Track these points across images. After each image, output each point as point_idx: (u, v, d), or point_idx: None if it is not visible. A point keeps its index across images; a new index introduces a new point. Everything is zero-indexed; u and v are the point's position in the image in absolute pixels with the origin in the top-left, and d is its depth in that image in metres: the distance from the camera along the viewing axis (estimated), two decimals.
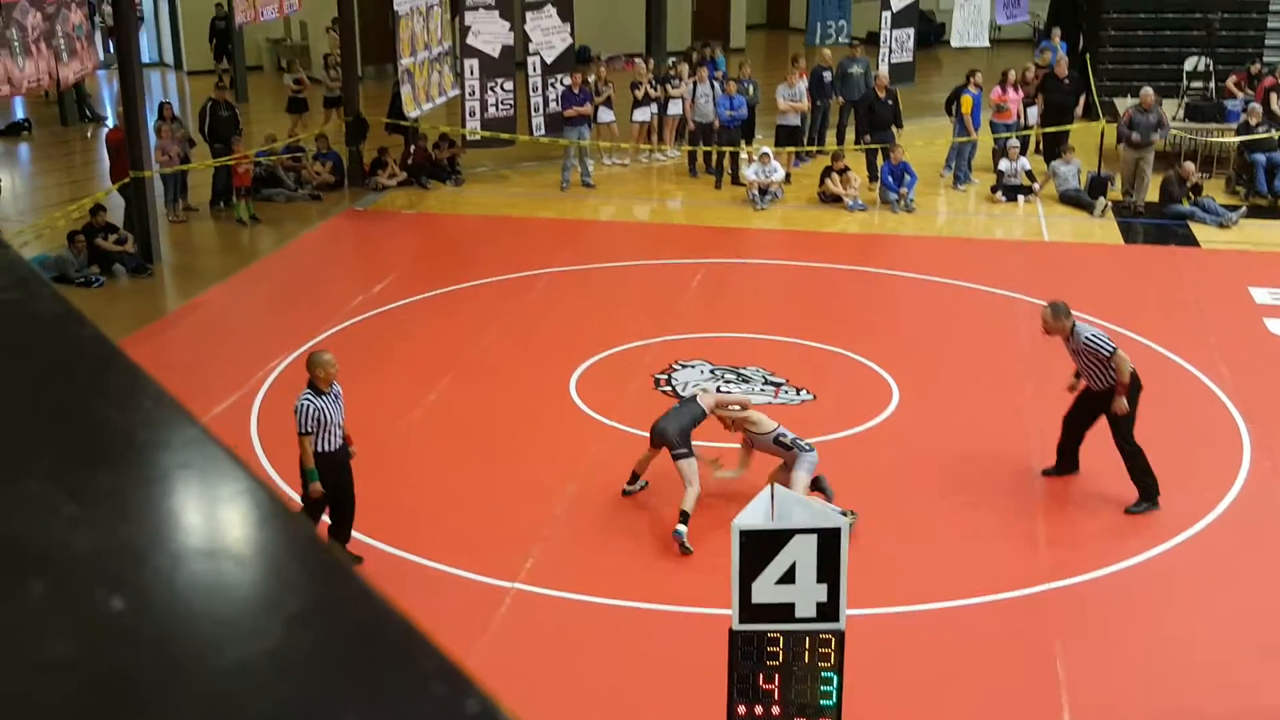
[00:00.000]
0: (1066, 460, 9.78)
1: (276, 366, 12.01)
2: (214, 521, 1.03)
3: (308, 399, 8.38)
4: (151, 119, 16.54)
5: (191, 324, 13.77)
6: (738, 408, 9.47)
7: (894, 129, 18.02)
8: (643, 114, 19.65)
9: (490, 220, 17.28)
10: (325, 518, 8.61)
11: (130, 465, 1.10)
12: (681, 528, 8.84)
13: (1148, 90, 16.88)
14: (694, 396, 9.62)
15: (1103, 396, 9.31)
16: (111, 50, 20.29)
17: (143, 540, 0.98)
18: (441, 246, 16.50)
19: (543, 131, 19.07)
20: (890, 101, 18.26)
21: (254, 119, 22.22)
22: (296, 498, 8.54)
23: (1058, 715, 7.20)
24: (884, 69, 19.58)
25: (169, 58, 29.08)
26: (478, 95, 18.43)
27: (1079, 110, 18.59)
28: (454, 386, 11.79)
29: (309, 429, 8.35)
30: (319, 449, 8.41)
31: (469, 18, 18.11)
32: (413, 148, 18.99)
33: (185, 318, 13.94)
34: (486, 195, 18.54)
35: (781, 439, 9.24)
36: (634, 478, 9.61)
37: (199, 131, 17.85)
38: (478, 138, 18.84)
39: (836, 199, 17.42)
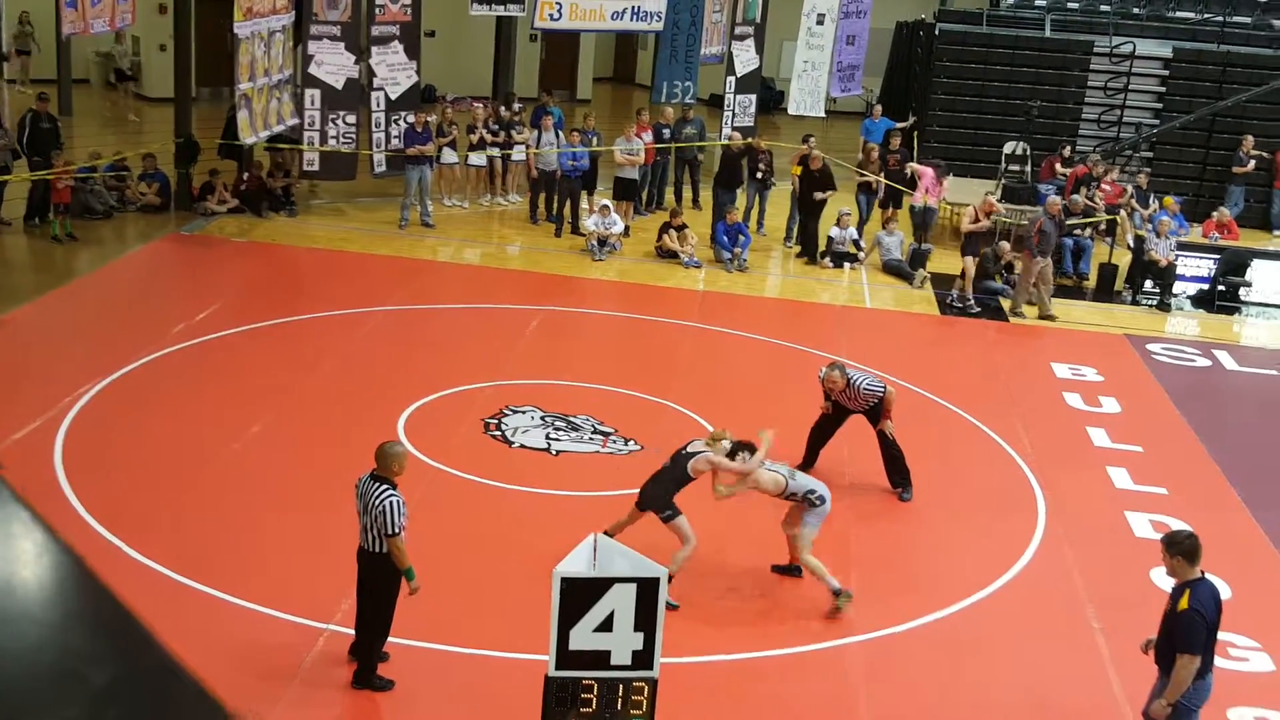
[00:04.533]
0: (810, 458, 11.18)
1: (86, 392, 11.64)
2: (14, 583, 0.98)
3: (392, 494, 7.46)
4: None
5: None
6: (730, 482, 9.05)
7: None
8: (479, 158, 19.76)
9: (324, 254, 17.09)
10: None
11: None
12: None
13: (1054, 198, 17.52)
14: (686, 455, 9.14)
15: (845, 413, 11.07)
16: None
17: None
18: (272, 277, 16.24)
19: (384, 168, 19.00)
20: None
21: (77, 134, 21.51)
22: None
23: None
24: (730, 131, 20.17)
25: None
26: (318, 126, 18.26)
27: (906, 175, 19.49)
28: (277, 421, 11.62)
29: (401, 527, 7.48)
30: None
31: (312, 47, 17.97)
32: (246, 174, 18.66)
33: None
34: (321, 228, 18.34)
35: (793, 495, 9.05)
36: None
37: (17, 143, 17.21)
38: (315, 168, 18.65)
39: (673, 254, 17.81)
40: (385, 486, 7.52)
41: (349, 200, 19.60)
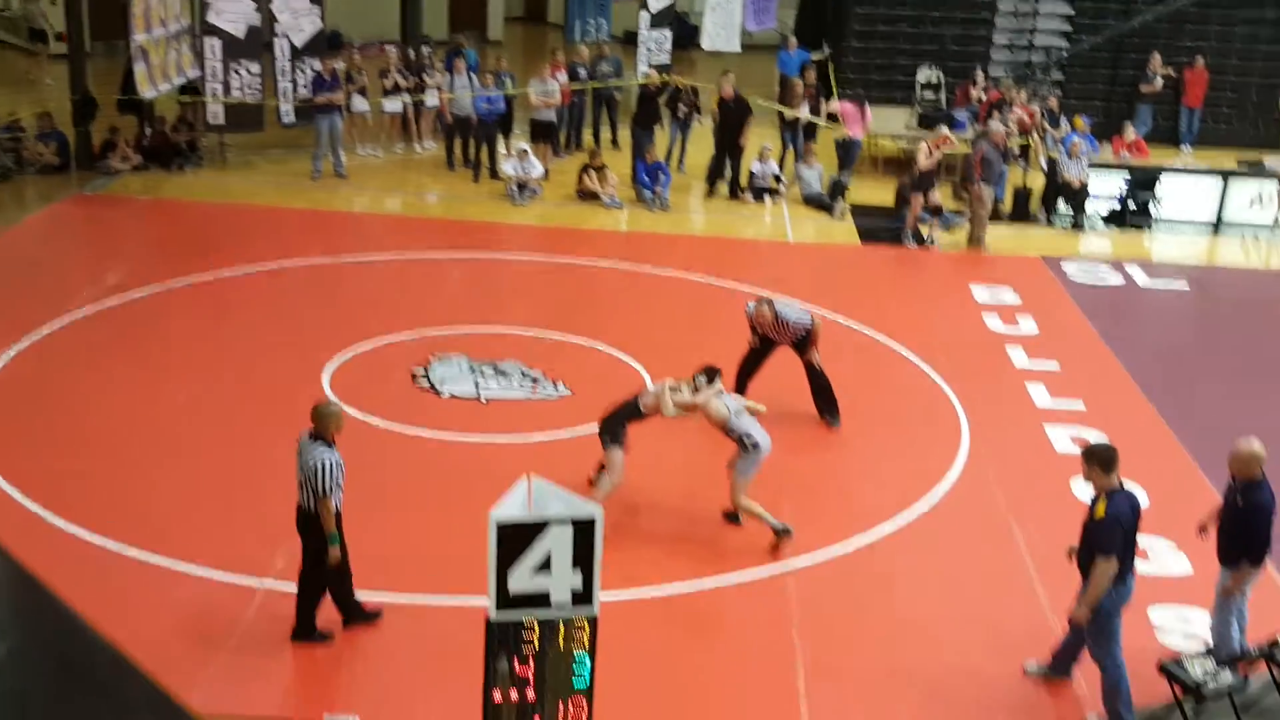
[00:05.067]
0: (739, 392, 10.92)
1: None
2: None
3: (327, 455, 7.41)
4: None
5: None
6: (677, 406, 9.16)
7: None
8: (392, 104, 19.45)
9: (235, 209, 16.75)
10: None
11: None
12: None
13: (998, 125, 17.49)
14: (639, 394, 9.38)
15: (772, 346, 11.14)
16: None
17: None
18: (182, 235, 15.89)
19: (292, 119, 18.62)
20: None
21: None
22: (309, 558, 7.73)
23: (793, 679, 7.67)
24: (645, 69, 20.03)
25: None
26: (220, 77, 17.81)
27: (822, 116, 19.52)
28: (200, 382, 11.46)
29: (331, 488, 7.42)
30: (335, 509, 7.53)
31: None
32: (148, 130, 18.20)
33: None
34: (231, 183, 17.97)
35: (730, 433, 9.13)
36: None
37: None
38: (220, 121, 18.22)
39: (594, 196, 17.74)
40: (320, 446, 7.47)
41: (259, 153, 19.17)
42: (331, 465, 7.42)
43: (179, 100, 18.31)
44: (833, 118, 19.04)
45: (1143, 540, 7.86)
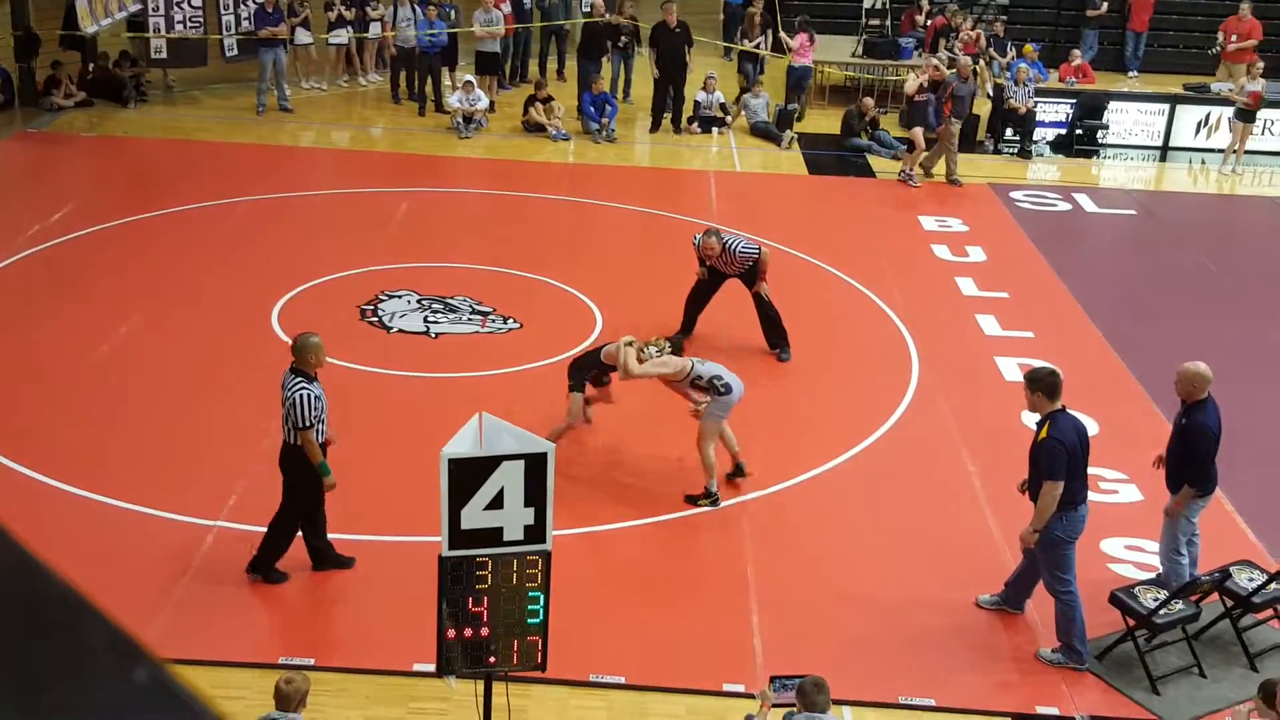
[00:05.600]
0: (688, 325, 11.24)
1: None
2: None
3: (304, 387, 7.37)
4: None
5: None
6: (626, 359, 8.81)
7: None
8: (338, 37, 19.15)
9: (181, 145, 16.49)
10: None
11: None
12: None
13: (966, 59, 17.29)
14: (603, 346, 9.29)
15: (721, 278, 11.15)
16: None
17: None
18: (127, 172, 15.65)
19: (235, 53, 18.29)
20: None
21: None
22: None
23: (746, 608, 7.78)
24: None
25: None
26: (162, 11, 17.45)
27: (768, 45, 19.42)
28: (146, 321, 11.34)
29: (312, 421, 7.40)
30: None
31: None
32: (91, 65, 17.85)
33: None
34: (176, 118, 17.67)
35: (698, 379, 8.80)
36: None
37: None
38: (163, 56, 17.88)
39: (540, 128, 17.58)
40: (299, 379, 7.44)
41: (202, 88, 18.86)
42: (310, 397, 7.39)
43: (126, 36, 17.92)
44: (781, 48, 18.93)
45: (1093, 470, 7.89)
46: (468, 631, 5.71)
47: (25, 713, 0.83)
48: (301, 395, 7.37)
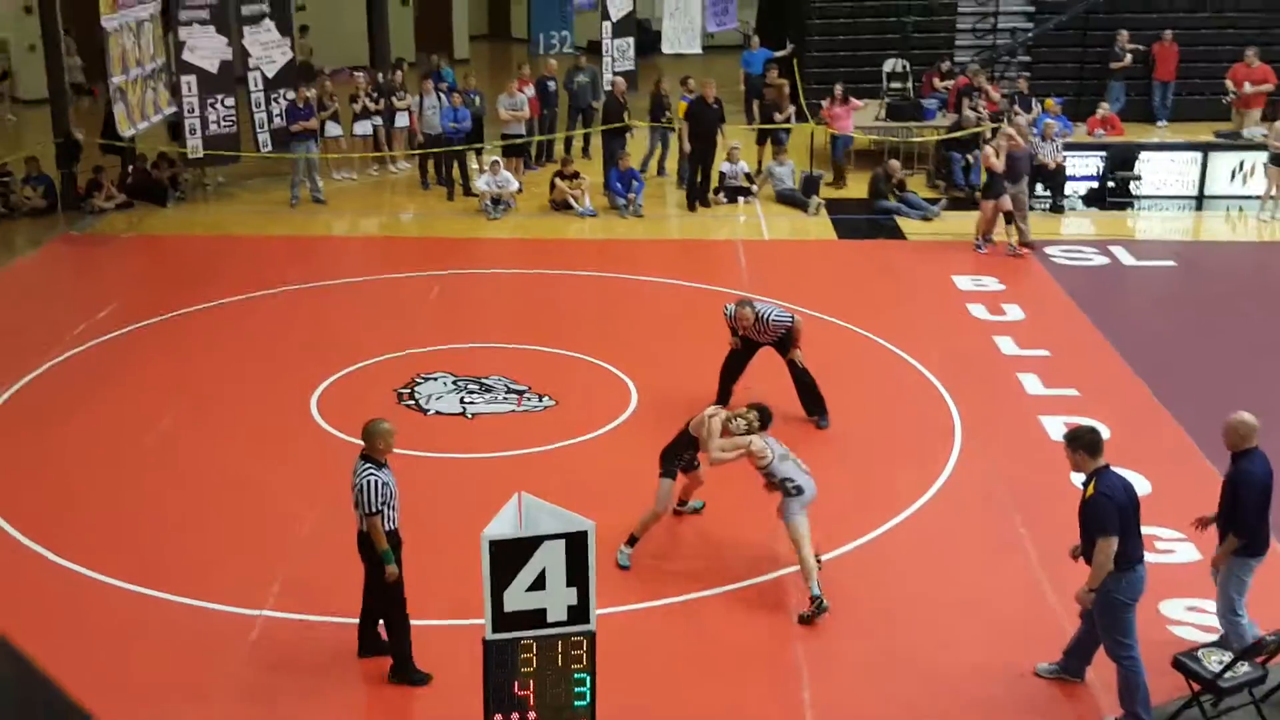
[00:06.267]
0: (724, 395, 11.12)
1: None
2: None
3: (372, 474, 7.38)
4: None
5: None
6: (714, 435, 8.74)
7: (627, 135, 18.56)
8: (364, 127, 19.50)
9: (218, 240, 16.75)
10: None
11: None
12: (624, 548, 8.85)
13: (1020, 120, 17.06)
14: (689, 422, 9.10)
15: (754, 346, 11.14)
16: None
17: None
18: (167, 269, 15.89)
19: (269, 147, 18.64)
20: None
21: None
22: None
23: (798, 679, 7.62)
24: (610, 76, 20.01)
25: None
26: (197, 112, 17.83)
27: (790, 113, 19.55)
28: (188, 412, 11.43)
29: (378, 507, 7.37)
30: (384, 527, 7.45)
31: (184, 33, 17.55)
32: (131, 168, 18.28)
33: None
34: (212, 214, 17.99)
35: (770, 476, 8.66)
36: (682, 502, 9.51)
37: None
38: (200, 156, 18.25)
39: (567, 205, 17.71)
40: (369, 465, 7.44)
41: (238, 184, 19.22)
42: (378, 484, 7.36)
43: (171, 151, 18.35)
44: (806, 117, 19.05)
45: (1147, 530, 7.63)
46: (515, 716, 5.62)
47: None
48: (369, 481, 7.36)
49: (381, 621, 7.75)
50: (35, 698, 1.06)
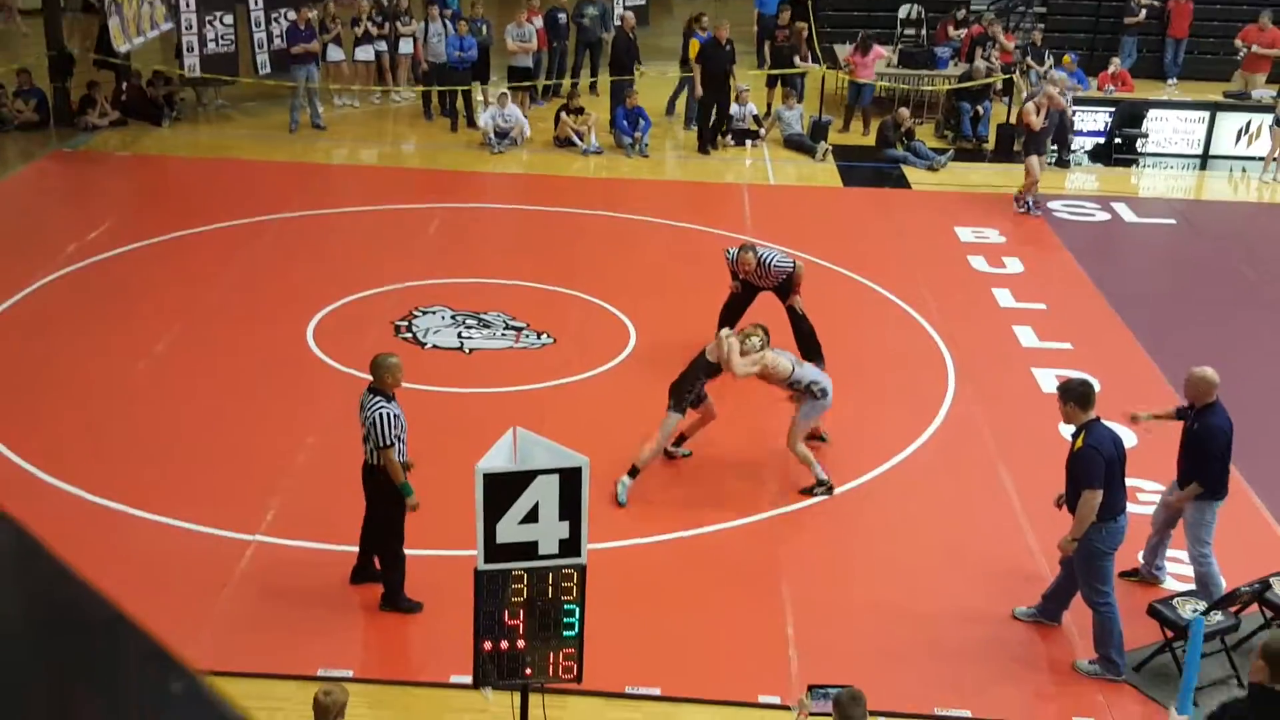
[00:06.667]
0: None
1: None
2: None
3: (383, 406, 7.34)
4: None
5: None
6: (735, 355, 8.89)
7: (637, 69, 18.36)
8: (365, 53, 19.22)
9: (215, 163, 16.61)
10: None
11: None
12: (624, 479, 8.92)
13: (1051, 90, 16.74)
14: (704, 349, 9.21)
15: (754, 291, 11.07)
16: None
17: None
18: (162, 191, 15.78)
19: (268, 70, 18.39)
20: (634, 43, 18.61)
21: None
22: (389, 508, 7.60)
23: (782, 617, 7.70)
24: (620, 10, 19.77)
25: None
26: (194, 29, 17.55)
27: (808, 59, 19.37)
28: (183, 337, 11.40)
29: (392, 440, 7.34)
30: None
31: None
32: (125, 85, 18.02)
33: None
34: (209, 137, 17.81)
35: (797, 384, 9.07)
36: (679, 439, 9.55)
37: None
38: (196, 75, 18.02)
39: (571, 142, 17.57)
40: (378, 399, 7.40)
41: (236, 106, 19.01)
42: (390, 416, 7.34)
43: (167, 70, 18.08)
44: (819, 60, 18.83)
45: (1131, 482, 7.82)
46: (504, 644, 5.68)
47: None
48: (381, 414, 7.32)
49: (367, 547, 7.78)
50: (56, 591, 1.06)
